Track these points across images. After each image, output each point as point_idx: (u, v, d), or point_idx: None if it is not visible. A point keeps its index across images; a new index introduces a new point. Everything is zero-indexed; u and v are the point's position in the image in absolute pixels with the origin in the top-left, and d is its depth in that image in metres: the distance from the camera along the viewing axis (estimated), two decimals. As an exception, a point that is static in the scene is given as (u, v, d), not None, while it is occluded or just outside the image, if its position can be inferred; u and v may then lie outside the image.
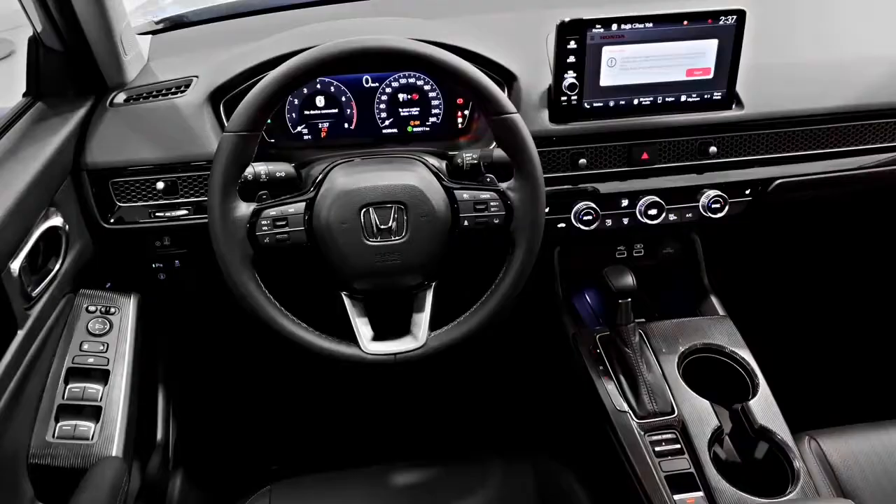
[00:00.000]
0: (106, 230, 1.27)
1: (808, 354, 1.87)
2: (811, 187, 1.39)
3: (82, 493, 1.04)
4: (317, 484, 1.28)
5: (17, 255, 1.03)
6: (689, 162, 1.35)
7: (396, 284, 1.14)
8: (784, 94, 1.36)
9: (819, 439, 1.25)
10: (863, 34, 1.47)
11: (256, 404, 1.89)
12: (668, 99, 1.31)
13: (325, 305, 1.16)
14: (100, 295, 1.25)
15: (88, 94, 1.29)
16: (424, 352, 1.13)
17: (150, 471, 1.39)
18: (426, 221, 1.11)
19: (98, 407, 1.14)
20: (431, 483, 1.29)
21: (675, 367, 1.28)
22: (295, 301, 1.16)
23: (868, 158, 1.39)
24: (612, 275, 1.27)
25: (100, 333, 1.21)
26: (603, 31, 1.25)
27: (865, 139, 1.39)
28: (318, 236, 1.11)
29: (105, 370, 1.17)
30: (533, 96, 1.32)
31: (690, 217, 1.36)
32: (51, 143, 1.15)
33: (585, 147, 1.32)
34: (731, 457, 1.21)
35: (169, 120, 1.27)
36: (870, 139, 1.39)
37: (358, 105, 1.39)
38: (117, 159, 1.25)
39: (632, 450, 1.18)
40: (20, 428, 1.08)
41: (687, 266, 1.49)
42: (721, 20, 1.26)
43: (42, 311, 1.09)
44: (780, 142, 1.36)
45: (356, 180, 1.12)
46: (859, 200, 1.53)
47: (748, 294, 1.62)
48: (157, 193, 1.26)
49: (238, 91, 1.28)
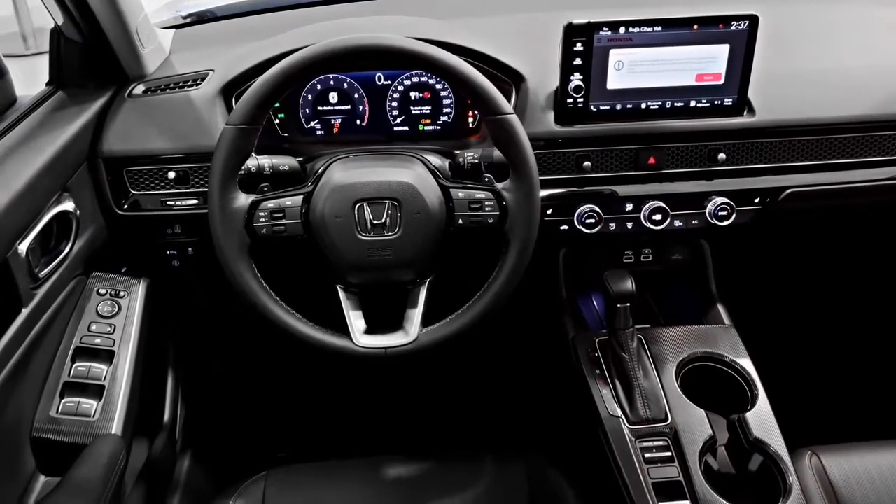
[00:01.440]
0: (119, 216, 1.32)
1: (814, 368, 1.83)
2: (823, 198, 1.36)
3: (79, 467, 1.08)
4: (312, 472, 1.31)
5: (26, 237, 1.07)
6: (697, 168, 1.33)
7: (389, 279, 1.16)
8: (797, 101, 1.33)
9: (821, 455, 1.22)
10: (880, 43, 1.44)
11: (262, 393, 1.93)
12: (677, 103, 1.30)
13: (321, 298, 1.18)
14: (111, 278, 1.30)
15: (109, 84, 1.34)
16: (415, 347, 1.14)
17: (156, 451, 1.43)
18: (419, 218, 1.12)
19: (101, 386, 1.19)
20: (425, 477, 1.30)
21: (672, 375, 1.26)
22: (293, 293, 1.19)
23: (883, 171, 1.35)
24: (611, 279, 1.26)
25: (108, 315, 1.25)
26: (610, 33, 1.24)
27: (881, 150, 1.35)
28: (314, 229, 1.14)
29: (111, 351, 1.22)
30: (540, 97, 1.32)
31: (696, 224, 1.35)
32: (66, 131, 1.20)
33: (591, 150, 1.31)
34: (724, 468, 1.20)
35: (183, 112, 1.31)
36: (885, 151, 1.35)
37: (370, 102, 1.41)
38: (132, 148, 1.29)
39: (621, 455, 1.17)
40: (25, 402, 1.13)
41: (695, 273, 1.48)
42: (733, 25, 1.24)
43: (49, 292, 1.14)
44: (792, 150, 1.33)
45: (352, 175, 1.14)
46: (872, 213, 1.49)
47: (756, 304, 1.59)
48: (168, 182, 1.31)
49: (248, 85, 1.31)
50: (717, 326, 1.37)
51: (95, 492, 1.06)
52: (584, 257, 1.47)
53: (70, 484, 1.05)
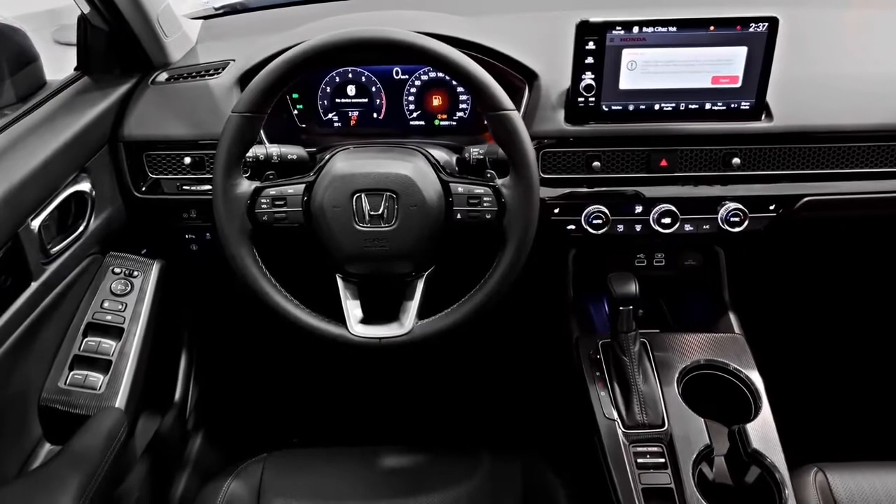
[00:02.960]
0: (138, 199, 1.36)
1: (826, 383, 1.77)
2: (841, 208, 1.31)
3: (80, 438, 1.12)
4: (311, 457, 1.33)
5: (39, 214, 1.12)
6: (711, 172, 1.30)
7: (386, 270, 1.17)
8: (818, 107, 1.29)
9: (827, 472, 1.19)
10: None
11: (271, 379, 1.97)
12: (691, 106, 1.28)
13: (322, 286, 1.20)
14: (126, 258, 1.34)
15: (134, 71, 1.39)
16: (409, 339, 1.15)
17: (165, 428, 1.47)
18: (416, 211, 1.13)
19: (109, 361, 1.23)
20: (421, 468, 1.31)
21: (674, 381, 1.24)
22: (295, 281, 1.21)
23: None
24: (615, 281, 1.24)
25: (121, 294, 1.30)
26: (623, 33, 1.23)
27: None
28: (314, 218, 1.15)
29: (120, 328, 1.26)
30: (553, 96, 1.31)
31: (708, 229, 1.32)
32: (87, 114, 1.25)
33: (602, 150, 1.30)
34: (719, 478, 1.17)
35: (201, 99, 1.34)
36: None
37: (387, 96, 1.42)
38: (151, 133, 1.34)
39: (613, 458, 1.16)
40: (35, 371, 1.18)
41: (708, 280, 1.45)
42: (751, 27, 1.21)
43: (61, 268, 1.18)
44: (811, 158, 1.29)
45: (352, 166, 1.15)
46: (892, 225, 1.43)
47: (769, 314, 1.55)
48: (185, 168, 1.34)
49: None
50: (726, 335, 1.34)
51: (93, 462, 1.10)
52: (595, 259, 1.46)
53: (69, 453, 1.10)
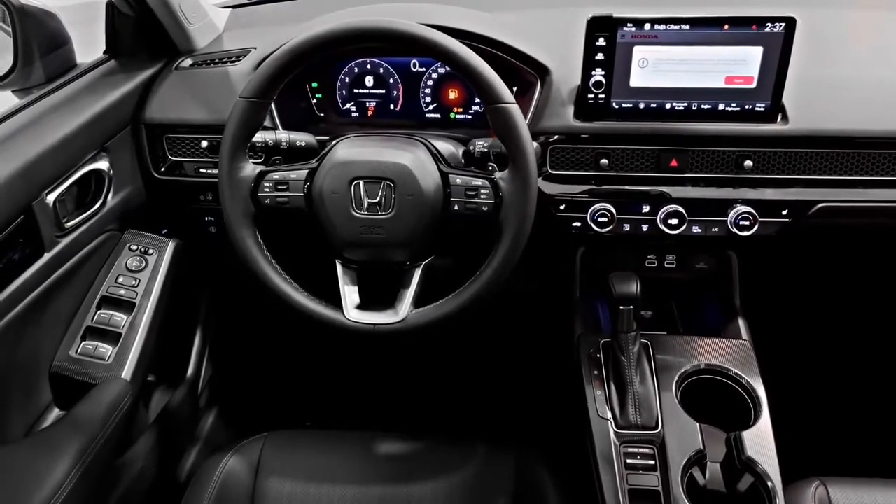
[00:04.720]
0: (157, 179, 1.41)
1: (833, 395, 1.71)
2: (857, 215, 1.27)
3: (83, 405, 1.18)
4: (310, 438, 1.36)
5: (56, 188, 1.17)
6: (722, 174, 1.28)
7: (382, 258, 1.19)
8: (836, 111, 1.25)
9: (829, 486, 1.16)
10: None
11: (281, 362, 2.01)
12: (704, 106, 1.25)
13: (322, 271, 1.22)
14: (143, 235, 1.39)
15: (160, 56, 1.44)
16: (403, 327, 1.17)
17: (174, 402, 1.52)
18: (412, 200, 1.14)
19: (119, 333, 1.28)
20: (417, 455, 1.32)
21: (672, 384, 1.23)
22: (297, 264, 1.24)
23: None
24: (616, 280, 1.23)
25: (135, 270, 1.35)
26: (634, 30, 1.21)
27: None
28: (314, 203, 1.18)
29: (132, 302, 1.31)
30: (563, 92, 1.31)
31: (717, 231, 1.30)
32: (110, 96, 1.30)
33: (610, 148, 1.29)
34: (711, 484, 1.15)
35: (220, 85, 1.38)
36: None
37: (404, 88, 1.44)
38: (172, 116, 1.38)
39: (602, 457, 1.15)
40: (47, 339, 1.23)
41: (720, 284, 1.42)
42: (767, 27, 1.19)
43: (74, 242, 1.23)
44: (827, 163, 1.25)
45: (353, 154, 1.17)
46: None
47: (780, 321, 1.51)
48: (202, 151, 1.39)
49: None
50: (732, 341, 1.31)
51: (94, 429, 1.14)
52: (604, 258, 1.44)
53: (71, 419, 1.15)
